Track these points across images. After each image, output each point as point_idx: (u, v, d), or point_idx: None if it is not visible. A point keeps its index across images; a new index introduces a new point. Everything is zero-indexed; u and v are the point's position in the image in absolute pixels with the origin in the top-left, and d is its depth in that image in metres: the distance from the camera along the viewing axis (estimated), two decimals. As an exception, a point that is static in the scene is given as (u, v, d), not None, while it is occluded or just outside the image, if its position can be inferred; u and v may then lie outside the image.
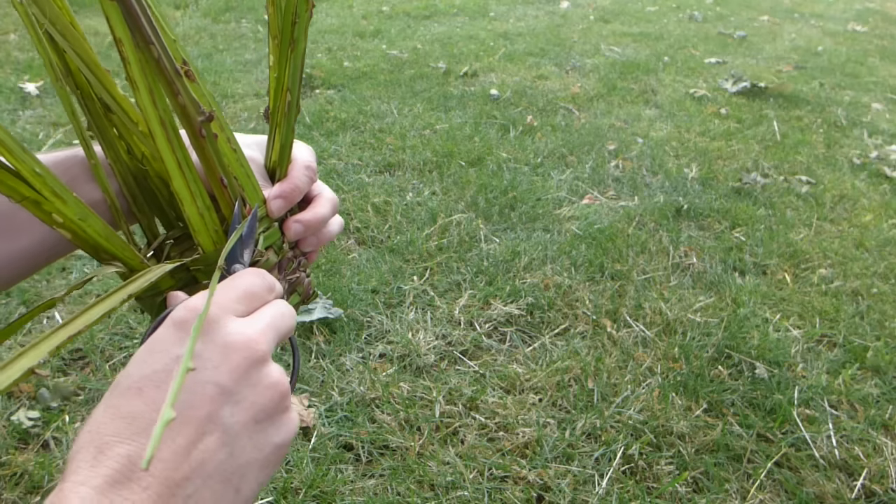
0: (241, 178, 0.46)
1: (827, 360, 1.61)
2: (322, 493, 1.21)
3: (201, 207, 0.44)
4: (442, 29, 4.39)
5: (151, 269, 0.44)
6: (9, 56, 3.28)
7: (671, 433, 1.37)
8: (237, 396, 0.32)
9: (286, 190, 0.49)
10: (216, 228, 0.45)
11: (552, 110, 3.08)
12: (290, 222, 0.50)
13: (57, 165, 0.47)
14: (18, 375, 0.32)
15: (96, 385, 1.40)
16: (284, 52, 0.47)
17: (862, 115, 3.26)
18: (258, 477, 0.33)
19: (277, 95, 0.49)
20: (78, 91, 0.46)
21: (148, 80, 0.40)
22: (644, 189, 2.38)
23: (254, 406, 0.33)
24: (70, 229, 0.42)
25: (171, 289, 0.46)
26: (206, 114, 0.42)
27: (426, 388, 1.45)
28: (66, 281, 1.71)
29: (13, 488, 1.19)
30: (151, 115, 0.41)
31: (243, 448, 0.32)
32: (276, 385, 0.34)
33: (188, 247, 0.50)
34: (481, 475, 1.27)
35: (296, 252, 0.52)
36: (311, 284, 0.55)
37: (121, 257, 0.45)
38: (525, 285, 1.79)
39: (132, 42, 0.39)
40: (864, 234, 2.18)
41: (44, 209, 0.40)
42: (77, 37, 0.43)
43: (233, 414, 0.32)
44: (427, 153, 2.50)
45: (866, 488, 1.29)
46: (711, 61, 3.97)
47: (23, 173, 0.39)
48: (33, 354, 0.34)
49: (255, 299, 0.38)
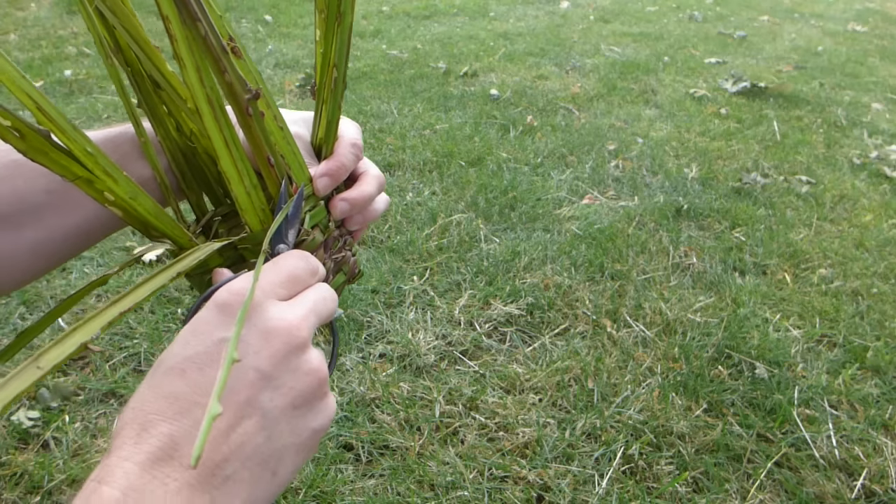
0: (287, 156, 0.46)
1: (827, 360, 1.61)
2: (322, 493, 1.21)
3: (248, 186, 0.44)
4: (442, 29, 4.39)
5: (200, 247, 0.44)
6: (9, 56, 3.28)
7: (671, 433, 1.37)
8: (276, 382, 0.33)
9: (332, 168, 0.48)
10: (263, 207, 0.45)
11: (552, 110, 3.08)
12: (335, 200, 0.49)
13: (107, 143, 0.47)
14: (72, 350, 0.33)
15: (96, 385, 1.40)
16: (331, 26, 0.46)
17: (862, 115, 3.26)
18: (294, 461, 0.33)
19: (324, 71, 0.48)
20: (128, 68, 0.46)
21: (195, 58, 0.39)
22: (644, 189, 2.38)
23: (292, 391, 0.33)
24: (121, 207, 0.42)
25: (218, 266, 0.46)
26: (253, 91, 0.42)
27: (426, 388, 1.45)
28: (65, 281, 1.71)
29: (13, 488, 1.19)
30: (199, 93, 0.40)
31: (281, 432, 0.32)
32: (315, 371, 0.34)
33: (235, 224, 0.50)
34: (481, 475, 1.27)
35: (342, 231, 0.52)
36: (356, 263, 0.54)
37: (170, 235, 0.45)
38: (525, 285, 1.79)
39: (179, 19, 0.38)
40: (864, 234, 2.18)
41: (96, 188, 0.41)
42: (126, 13, 0.43)
43: (272, 399, 0.32)
44: (427, 153, 2.50)
45: (866, 488, 1.29)
46: (711, 61, 3.97)
47: (75, 153, 0.39)
48: (86, 330, 0.34)
49: (298, 283, 0.38)
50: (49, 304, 1.63)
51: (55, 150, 0.39)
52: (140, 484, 0.28)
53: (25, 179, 0.44)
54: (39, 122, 0.39)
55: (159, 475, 0.28)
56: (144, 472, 0.28)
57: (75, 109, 2.73)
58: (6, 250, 0.44)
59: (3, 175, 0.43)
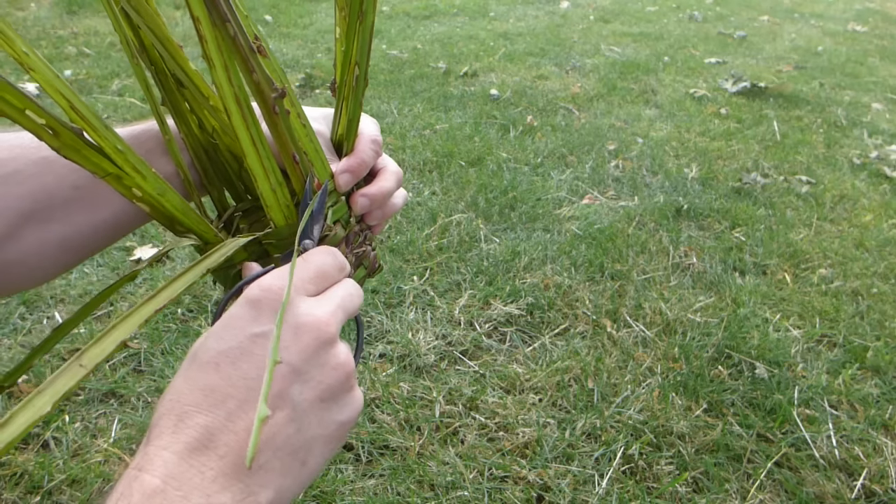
0: (310, 153, 0.47)
1: (827, 360, 1.61)
2: (322, 493, 1.21)
3: (274, 183, 0.44)
4: (442, 29, 4.39)
5: (226, 243, 0.45)
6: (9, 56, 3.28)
7: (671, 433, 1.37)
8: (306, 376, 0.34)
9: (353, 164, 0.49)
10: (287, 204, 0.46)
11: (552, 110, 3.08)
12: (356, 196, 0.49)
13: (132, 139, 0.48)
14: (112, 348, 0.34)
15: (96, 385, 1.40)
16: (353, 24, 0.46)
17: (862, 115, 3.26)
18: (323, 452, 0.35)
19: (345, 69, 0.48)
20: (152, 67, 0.47)
21: (224, 58, 0.40)
22: (644, 189, 2.38)
23: (320, 385, 0.35)
24: (149, 203, 0.43)
25: (243, 261, 0.46)
26: (280, 90, 0.42)
27: (426, 388, 1.45)
28: (65, 281, 1.71)
29: (13, 488, 1.19)
30: (227, 93, 0.41)
31: (310, 424, 0.34)
32: (342, 366, 0.36)
33: (257, 219, 0.51)
34: (481, 475, 1.27)
35: (361, 226, 0.52)
36: (376, 258, 0.55)
37: (196, 230, 0.46)
38: (525, 285, 1.79)
39: (209, 20, 0.39)
40: (864, 234, 2.18)
41: (125, 184, 0.41)
42: (151, 13, 0.44)
43: (301, 392, 0.34)
44: (427, 153, 2.50)
45: (866, 488, 1.29)
46: (711, 61, 3.97)
47: (106, 150, 0.40)
48: (125, 328, 0.35)
49: (326, 279, 0.39)
50: (49, 304, 1.63)
51: (87, 148, 0.39)
52: (178, 472, 0.29)
53: (55, 176, 0.45)
54: (72, 119, 0.40)
55: (196, 464, 0.30)
56: (182, 461, 0.30)
57: (75, 109, 2.73)
58: (35, 245, 0.45)
59: (33, 172, 0.44)
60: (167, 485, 0.29)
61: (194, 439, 0.30)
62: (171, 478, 0.29)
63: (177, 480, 0.29)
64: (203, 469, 0.30)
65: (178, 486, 0.29)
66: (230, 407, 0.31)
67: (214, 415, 0.31)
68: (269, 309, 0.34)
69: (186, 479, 0.29)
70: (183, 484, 0.29)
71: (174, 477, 0.29)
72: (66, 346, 1.50)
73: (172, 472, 0.29)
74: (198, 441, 0.30)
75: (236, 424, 0.31)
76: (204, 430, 0.31)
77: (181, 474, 0.29)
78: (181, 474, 0.29)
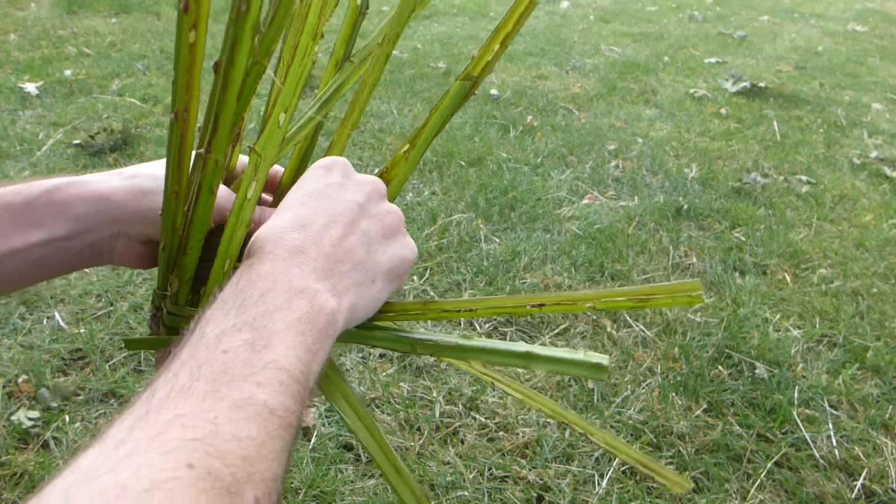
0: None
1: (827, 360, 1.61)
2: (322, 493, 1.21)
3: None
4: (442, 29, 4.39)
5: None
6: (9, 56, 3.28)
7: (671, 433, 1.37)
8: (370, 212, 0.43)
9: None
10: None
11: (552, 110, 3.08)
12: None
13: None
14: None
15: (96, 385, 1.40)
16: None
17: (862, 115, 3.26)
18: (387, 279, 0.43)
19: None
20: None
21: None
22: (644, 189, 2.38)
23: (382, 222, 0.43)
24: None
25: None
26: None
27: (426, 388, 1.45)
28: (65, 280, 1.71)
29: (13, 488, 1.19)
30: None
31: (376, 251, 0.42)
32: (396, 212, 0.45)
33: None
34: (481, 475, 1.27)
35: None
36: None
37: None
38: (525, 285, 1.79)
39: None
40: (864, 234, 2.18)
41: None
42: None
43: (368, 224, 0.43)
44: (427, 153, 2.50)
45: (866, 488, 1.29)
46: (711, 61, 3.97)
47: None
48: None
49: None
50: (49, 304, 1.63)
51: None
52: (282, 266, 0.37)
53: None
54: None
55: (295, 262, 0.38)
56: (284, 260, 0.38)
57: (75, 109, 2.73)
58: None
59: None
60: (275, 269, 0.37)
61: (292, 247, 0.38)
62: (277, 268, 0.37)
63: (282, 269, 0.37)
64: (301, 265, 0.38)
65: (284, 272, 0.37)
66: (316, 228, 0.40)
67: (305, 233, 0.39)
68: (337, 170, 0.44)
69: (288, 268, 0.37)
70: (287, 271, 0.37)
71: (279, 268, 0.37)
72: (65, 346, 1.50)
73: (277, 266, 0.37)
74: (295, 248, 0.38)
75: (322, 239, 0.39)
76: (298, 242, 0.39)
77: (285, 267, 0.37)
78: (285, 267, 0.37)
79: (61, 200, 0.44)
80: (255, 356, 0.32)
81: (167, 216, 0.42)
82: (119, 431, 0.27)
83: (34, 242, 0.44)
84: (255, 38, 0.37)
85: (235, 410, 0.29)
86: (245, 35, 0.37)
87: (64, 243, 0.45)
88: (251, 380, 0.31)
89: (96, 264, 0.49)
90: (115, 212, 0.45)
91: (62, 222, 0.44)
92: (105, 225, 0.45)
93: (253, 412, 0.29)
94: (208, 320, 0.34)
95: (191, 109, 0.39)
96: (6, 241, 0.44)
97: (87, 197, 0.45)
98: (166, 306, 0.45)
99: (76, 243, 0.45)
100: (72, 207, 0.44)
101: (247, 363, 0.31)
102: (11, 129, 2.51)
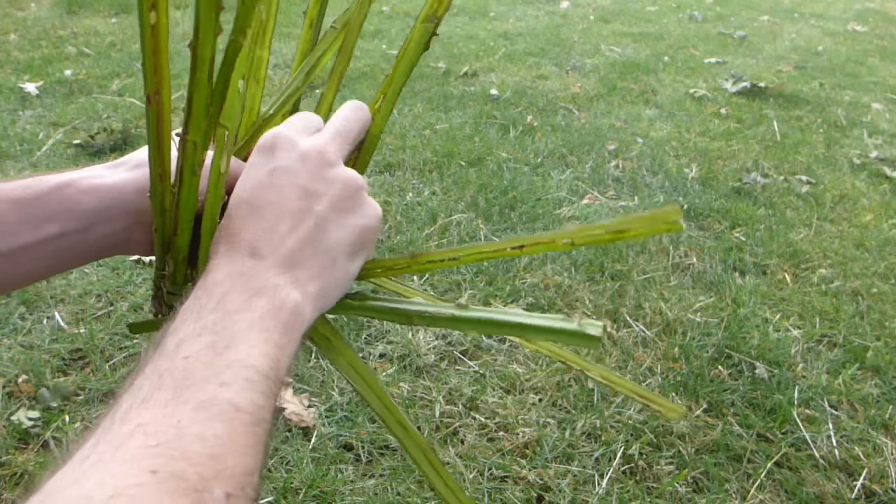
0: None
1: (827, 360, 1.61)
2: (322, 493, 1.21)
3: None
4: (442, 29, 4.38)
5: None
6: (9, 56, 3.28)
7: (671, 433, 1.37)
8: (318, 193, 0.42)
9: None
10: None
11: (552, 110, 3.08)
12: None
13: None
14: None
15: (96, 385, 1.40)
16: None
17: (862, 115, 3.26)
18: (349, 252, 0.42)
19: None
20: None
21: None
22: (644, 189, 2.38)
23: (333, 198, 0.42)
24: None
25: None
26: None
27: (426, 388, 1.45)
28: (65, 281, 1.71)
29: (13, 488, 1.19)
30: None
31: (333, 229, 0.42)
32: (347, 181, 0.43)
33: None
34: (481, 475, 1.27)
35: None
36: None
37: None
38: (525, 285, 1.79)
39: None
40: (864, 234, 2.18)
41: None
42: None
43: (318, 205, 0.41)
44: (427, 153, 2.50)
45: (866, 488, 1.29)
46: (711, 61, 3.97)
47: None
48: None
49: (316, 122, 0.46)
50: (49, 304, 1.63)
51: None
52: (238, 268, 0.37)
53: None
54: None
55: (251, 263, 0.38)
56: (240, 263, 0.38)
57: (75, 109, 2.73)
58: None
59: None
60: (231, 274, 0.37)
61: (245, 249, 0.38)
62: (233, 271, 0.37)
63: (237, 272, 0.37)
64: (258, 264, 0.38)
65: (240, 274, 0.37)
66: (266, 224, 0.39)
67: (255, 231, 0.39)
68: (279, 150, 0.42)
69: (244, 270, 0.37)
70: (243, 273, 0.37)
71: (234, 272, 0.37)
72: (65, 346, 1.50)
73: (233, 268, 0.37)
74: (248, 249, 0.38)
75: (274, 234, 0.39)
76: (250, 243, 0.39)
77: (240, 269, 0.37)
78: (240, 269, 0.37)
79: (72, 196, 0.44)
80: (217, 358, 0.32)
81: (155, 198, 0.42)
82: (84, 448, 0.27)
83: (46, 237, 0.44)
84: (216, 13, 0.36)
85: (199, 412, 0.29)
86: (206, 12, 0.36)
87: (78, 236, 0.45)
88: (214, 380, 0.31)
89: (111, 254, 0.49)
90: (127, 203, 0.45)
91: (75, 217, 0.44)
92: (119, 217, 0.45)
93: (218, 411, 0.30)
94: (169, 333, 0.33)
95: (162, 92, 0.38)
96: (17, 237, 0.43)
97: (98, 191, 0.45)
98: (165, 286, 0.46)
99: (90, 236, 0.45)
100: (83, 203, 0.44)
101: (208, 365, 0.31)
102: (11, 129, 2.51)
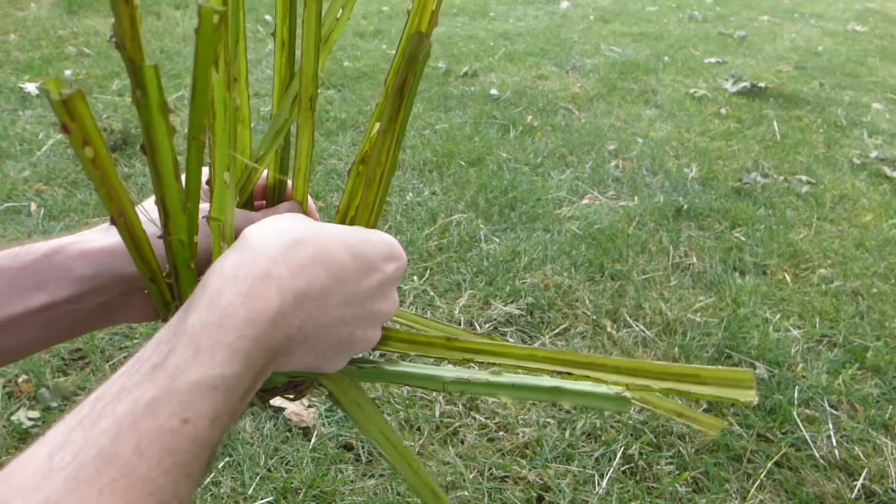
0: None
1: (827, 360, 1.61)
2: (322, 493, 1.21)
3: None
4: (442, 29, 4.39)
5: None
6: (9, 56, 3.28)
7: (671, 433, 1.37)
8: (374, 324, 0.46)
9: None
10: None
11: (552, 110, 3.08)
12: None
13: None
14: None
15: (96, 385, 1.40)
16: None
17: (862, 115, 3.26)
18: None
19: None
20: None
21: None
22: (644, 189, 2.38)
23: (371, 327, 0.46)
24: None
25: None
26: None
27: (426, 388, 1.45)
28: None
29: (13, 488, 1.18)
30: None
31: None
32: (390, 310, 0.46)
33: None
34: (481, 475, 1.27)
35: None
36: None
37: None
38: (525, 285, 1.79)
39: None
40: (864, 234, 2.18)
41: None
42: None
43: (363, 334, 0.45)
44: (427, 153, 2.50)
45: (866, 488, 1.29)
46: (711, 61, 3.97)
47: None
48: None
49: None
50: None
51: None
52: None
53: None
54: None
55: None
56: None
57: (75, 109, 2.73)
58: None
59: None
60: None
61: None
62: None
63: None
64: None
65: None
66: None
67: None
68: (389, 267, 0.45)
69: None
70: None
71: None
72: (65, 346, 1.50)
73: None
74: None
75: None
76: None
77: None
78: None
79: (62, 263, 0.42)
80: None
81: (155, 296, 0.41)
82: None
83: (36, 307, 0.41)
84: (166, 118, 0.34)
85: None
86: (155, 118, 0.34)
87: (71, 306, 0.42)
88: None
89: (112, 323, 0.46)
90: (120, 269, 0.42)
91: (65, 285, 0.42)
92: (113, 284, 0.43)
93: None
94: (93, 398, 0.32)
95: (126, 213, 0.37)
96: (4, 308, 0.41)
97: (89, 256, 0.42)
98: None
99: (84, 304, 0.43)
100: (74, 269, 0.42)
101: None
102: (11, 129, 2.51)
